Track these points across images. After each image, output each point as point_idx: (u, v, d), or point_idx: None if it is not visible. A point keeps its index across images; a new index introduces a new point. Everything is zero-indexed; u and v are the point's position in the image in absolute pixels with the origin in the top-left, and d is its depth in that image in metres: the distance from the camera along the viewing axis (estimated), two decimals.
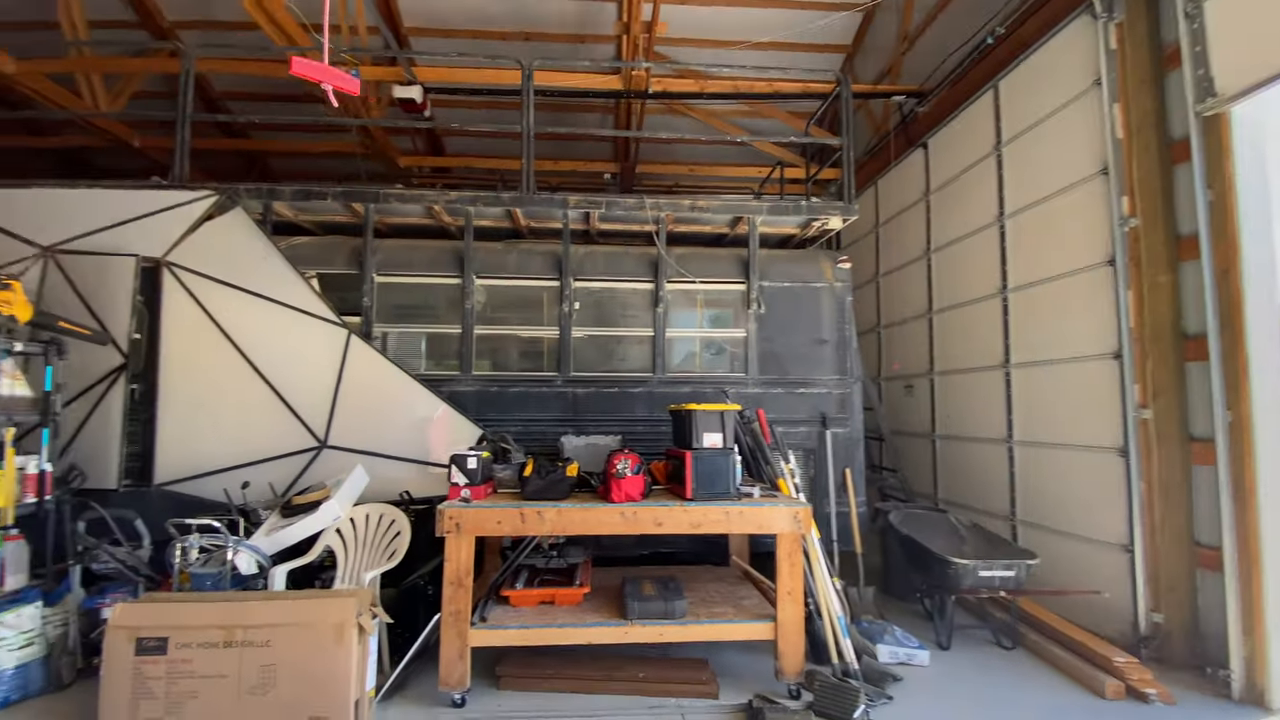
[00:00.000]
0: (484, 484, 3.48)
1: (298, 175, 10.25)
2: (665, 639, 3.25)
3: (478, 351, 4.79)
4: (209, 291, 4.41)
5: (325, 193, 4.66)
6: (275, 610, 2.93)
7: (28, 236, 4.24)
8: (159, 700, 2.77)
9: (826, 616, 3.37)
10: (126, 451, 4.16)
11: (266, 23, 5.43)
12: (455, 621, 3.17)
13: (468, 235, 4.79)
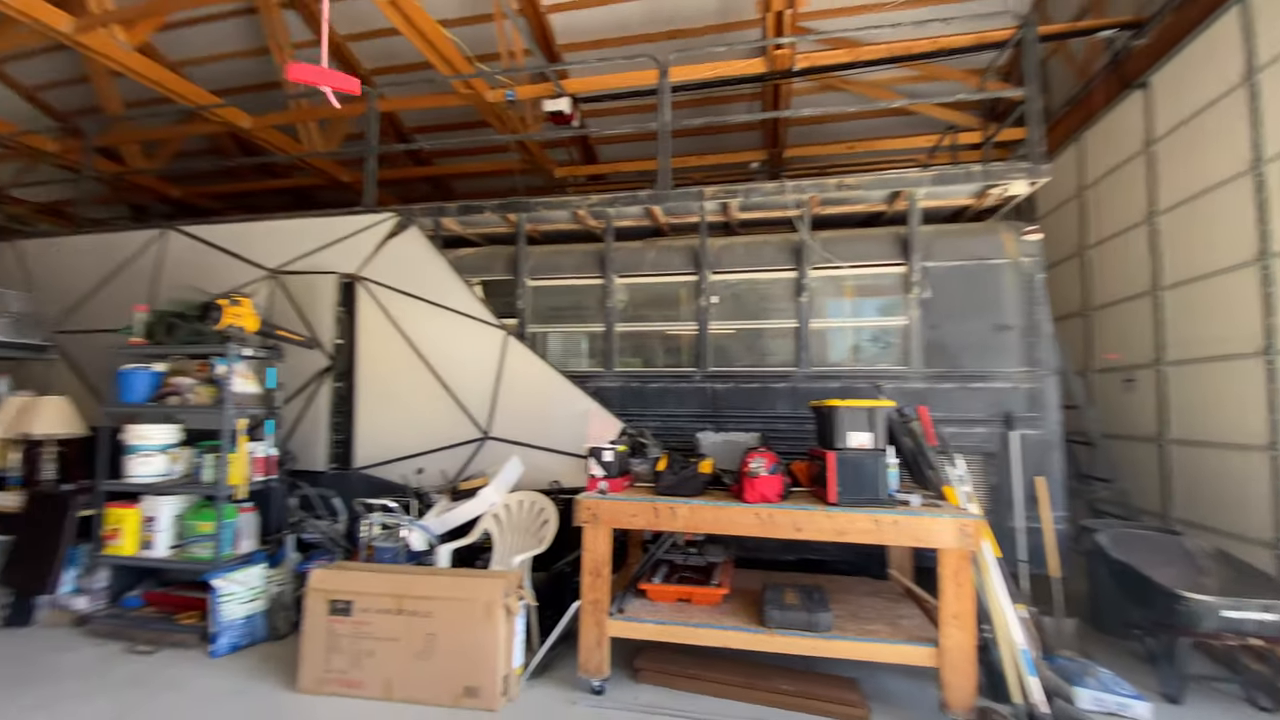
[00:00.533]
0: (621, 477, 3.52)
1: (472, 194, 11.39)
2: (807, 652, 3.01)
3: (620, 348, 4.89)
4: (393, 301, 5.01)
5: (483, 206, 5.06)
6: (435, 585, 3.22)
7: (258, 261, 5.18)
8: (345, 654, 3.19)
9: (1005, 647, 2.88)
10: (332, 439, 4.89)
11: (436, 59, 6.06)
12: (594, 610, 3.24)
13: (608, 237, 4.91)
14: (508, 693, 3.13)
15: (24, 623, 3.90)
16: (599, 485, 3.42)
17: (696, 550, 3.80)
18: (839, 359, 4.71)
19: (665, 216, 5.00)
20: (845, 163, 8.81)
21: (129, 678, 3.30)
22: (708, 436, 3.92)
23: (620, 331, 4.89)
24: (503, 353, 4.80)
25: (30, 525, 3.98)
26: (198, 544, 3.88)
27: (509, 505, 4.10)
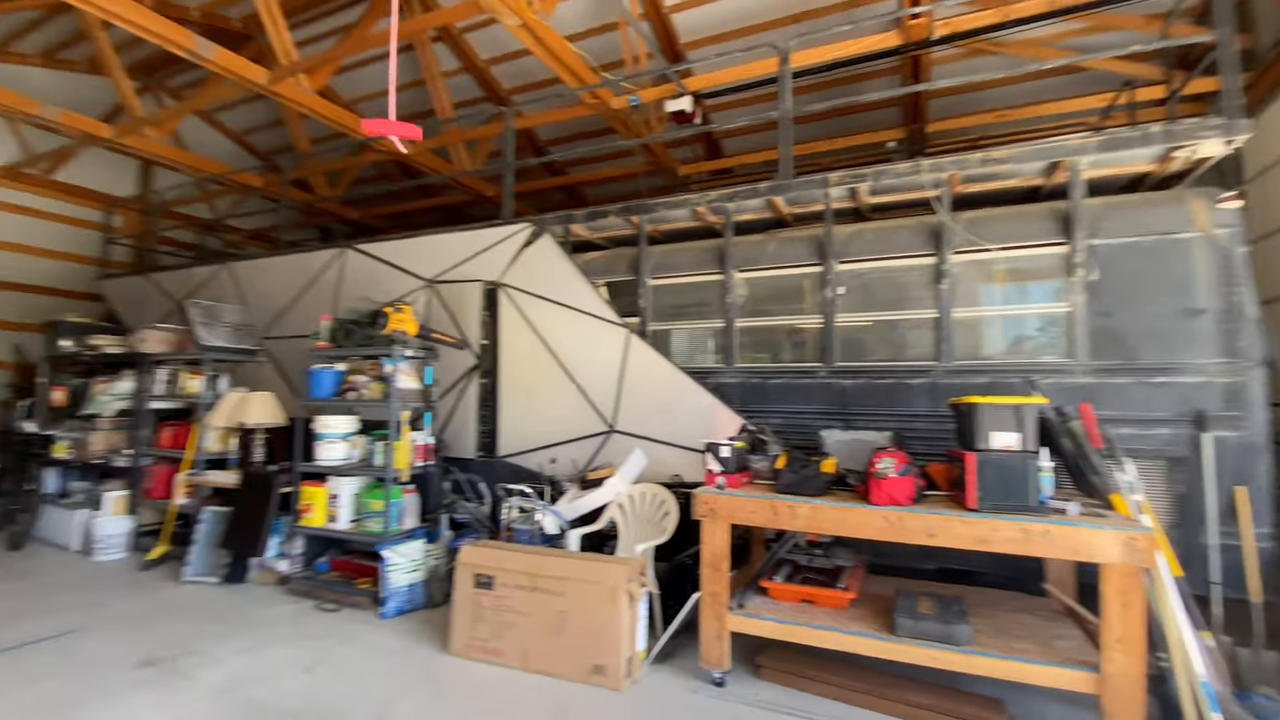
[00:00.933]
0: (739, 473, 3.52)
1: (601, 199, 11.81)
2: (940, 665, 2.81)
3: (740, 344, 4.85)
4: (529, 304, 5.39)
5: (607, 211, 5.28)
6: (565, 566, 3.45)
7: (417, 272, 5.81)
8: (488, 624, 3.52)
9: (1183, 678, 2.49)
10: (479, 430, 5.38)
11: (565, 73, 6.39)
12: (713, 603, 3.28)
13: (727, 231, 4.89)
14: (631, 674, 3.27)
15: (239, 580, 4.74)
16: (716, 481, 3.45)
17: (822, 552, 3.69)
18: (987, 351, 4.31)
19: (788, 207, 4.88)
20: (999, 133, 7.96)
21: (317, 631, 3.90)
22: (833, 435, 3.78)
23: (741, 327, 4.86)
24: (625, 350, 4.98)
25: (244, 499, 4.84)
26: (371, 519, 4.48)
27: (632, 496, 4.26)
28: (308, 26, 8.24)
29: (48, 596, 4.38)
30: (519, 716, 2.96)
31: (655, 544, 3.97)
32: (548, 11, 5.65)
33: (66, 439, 5.97)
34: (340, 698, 3.06)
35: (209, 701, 3.00)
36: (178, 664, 3.37)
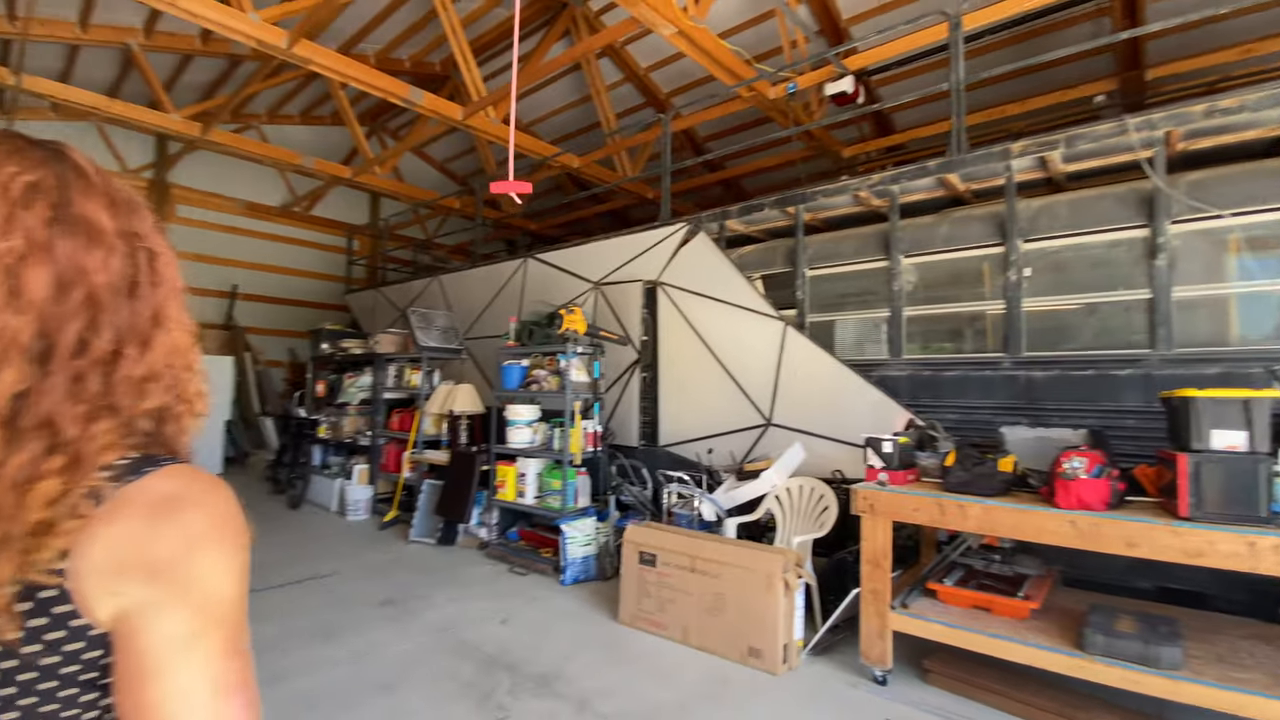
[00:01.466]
0: (904, 470, 3.39)
1: (762, 190, 11.75)
2: (1140, 689, 2.49)
3: (908, 334, 4.61)
4: (685, 300, 5.62)
5: (762, 204, 5.31)
6: (722, 551, 3.60)
7: (586, 276, 6.34)
8: (652, 599, 3.80)
9: None
10: (641, 420, 5.74)
11: (720, 72, 6.51)
12: (874, 600, 3.22)
13: (892, 215, 4.66)
14: (788, 661, 3.34)
15: (450, 542, 5.60)
16: (878, 476, 3.36)
17: (1000, 558, 3.42)
18: (1219, 337, 3.63)
19: (964, 183, 4.52)
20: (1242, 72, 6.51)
21: (508, 589, 4.50)
22: (1015, 432, 3.47)
23: (909, 316, 4.61)
24: (782, 343, 4.98)
25: (452, 475, 5.69)
26: (551, 496, 5.03)
27: (790, 489, 4.28)
28: (493, 61, 9.29)
29: (315, 546, 5.58)
30: (683, 680, 3.18)
31: (813, 538, 3.97)
32: (702, 15, 5.81)
33: (326, 422, 7.48)
34: (528, 648, 3.54)
35: (431, 636, 3.65)
36: (407, 605, 4.14)
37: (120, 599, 0.55)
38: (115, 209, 0.65)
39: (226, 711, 0.57)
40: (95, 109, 7.42)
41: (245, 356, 10.19)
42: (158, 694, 0.54)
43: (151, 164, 9.95)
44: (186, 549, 0.58)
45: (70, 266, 0.60)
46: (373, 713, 2.83)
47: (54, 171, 0.62)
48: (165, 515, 0.58)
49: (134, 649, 0.56)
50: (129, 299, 0.64)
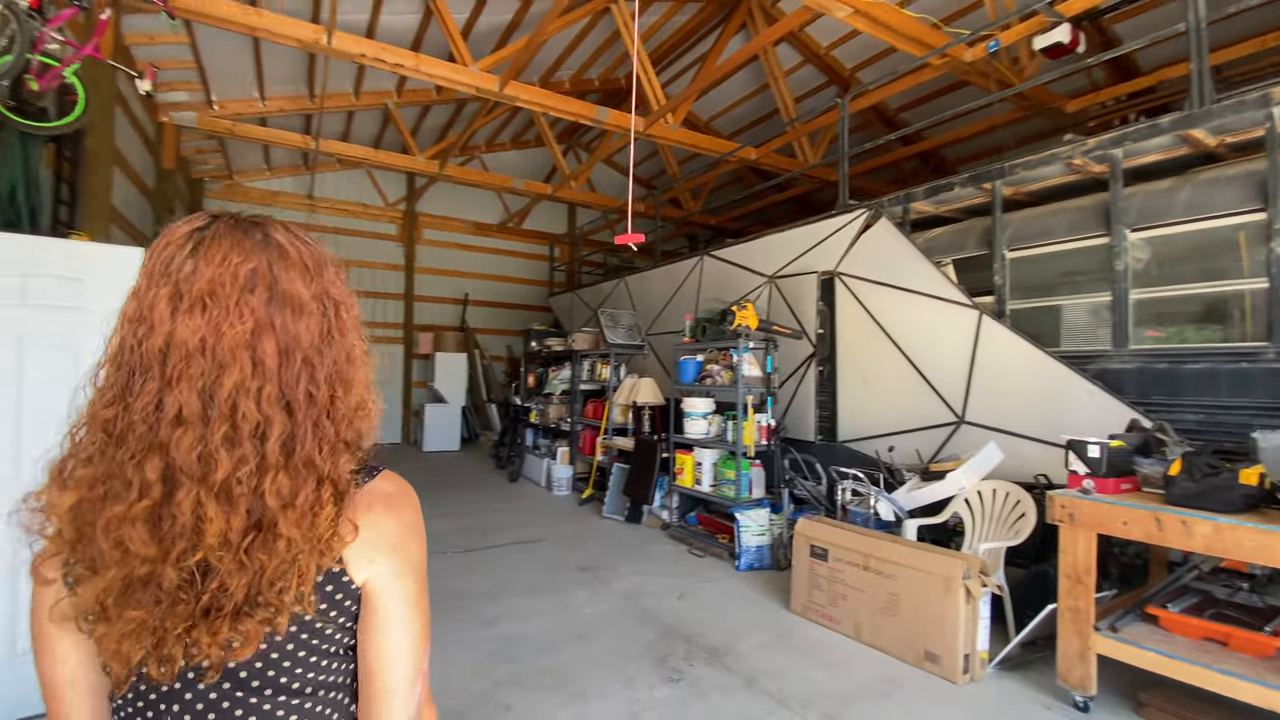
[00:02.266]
0: (1116, 477, 3.00)
1: (966, 158, 10.61)
2: None
3: (1136, 320, 3.96)
4: (866, 290, 5.43)
5: (951, 182, 4.92)
6: (897, 551, 3.52)
7: (760, 270, 6.41)
8: (824, 592, 3.84)
9: None
10: (818, 415, 5.68)
11: (904, 43, 6.11)
12: (1073, 618, 2.92)
13: (1113, 183, 4.02)
14: (970, 671, 3.17)
15: (636, 521, 6.13)
16: (1082, 484, 3.02)
17: (1250, 587, 2.86)
18: None
19: (1213, 137, 3.75)
20: None
21: (686, 569, 4.83)
22: (1271, 438, 2.86)
23: (1137, 299, 3.96)
24: (976, 333, 4.59)
25: (637, 460, 6.20)
26: (726, 485, 5.27)
27: (981, 492, 3.97)
28: (674, 65, 9.70)
29: (526, 515, 6.50)
30: (852, 674, 3.22)
31: (1005, 545, 3.67)
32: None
33: (536, 409, 8.58)
34: (702, 622, 3.82)
35: (618, 602, 4.13)
36: (598, 572, 4.69)
37: (374, 566, 0.76)
38: (308, 276, 0.76)
39: (423, 653, 0.79)
40: (365, 159, 9.36)
41: (475, 353, 12.01)
42: (392, 642, 0.76)
43: (404, 197, 12.19)
44: (410, 533, 0.80)
45: (287, 336, 0.72)
46: (570, 656, 3.34)
47: (265, 256, 0.73)
48: (393, 509, 0.79)
49: (379, 607, 0.76)
50: (329, 349, 0.77)
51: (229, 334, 0.69)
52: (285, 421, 0.71)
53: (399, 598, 0.76)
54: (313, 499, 0.71)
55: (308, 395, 0.73)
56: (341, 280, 0.82)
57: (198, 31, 6.45)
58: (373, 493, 0.79)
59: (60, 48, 3.65)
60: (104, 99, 5.28)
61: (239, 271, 0.71)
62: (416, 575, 0.79)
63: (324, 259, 0.80)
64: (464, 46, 6.69)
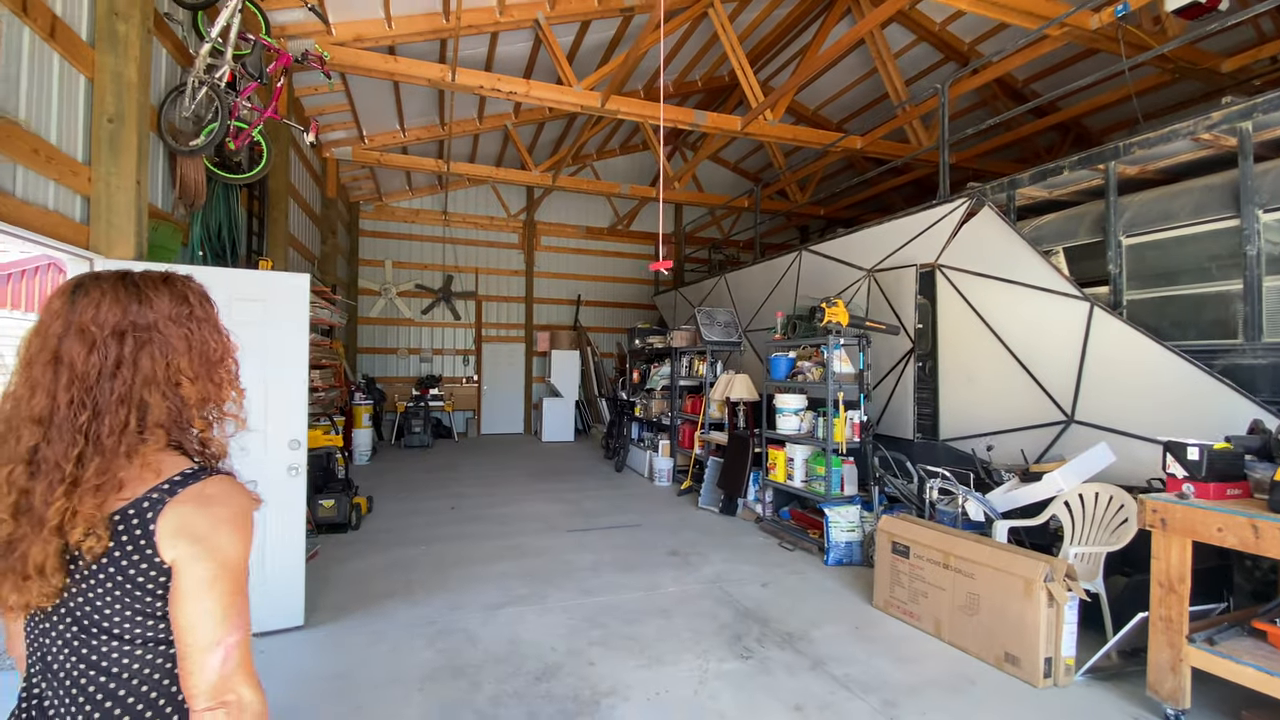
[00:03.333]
0: (1221, 482, 2.80)
1: (1109, 129, 9.56)
2: None
3: (1270, 310, 3.54)
4: (968, 283, 5.23)
5: (1060, 166, 4.62)
6: (977, 551, 3.49)
7: (858, 264, 6.33)
8: (905, 589, 3.88)
9: None
10: (917, 412, 5.56)
11: (1016, 18, 5.75)
12: (1165, 628, 2.79)
13: (1242, 160, 3.61)
14: (1052, 676, 3.10)
15: (730, 513, 6.34)
16: (1181, 488, 2.85)
17: None
18: None
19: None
20: None
21: (775, 560, 5.00)
22: None
23: (1272, 286, 3.54)
24: (1087, 327, 4.30)
25: (730, 454, 6.41)
26: (816, 481, 5.34)
27: (1082, 495, 3.78)
28: (776, 59, 9.68)
29: (628, 503, 6.95)
30: (922, 668, 3.27)
31: (1104, 550, 3.49)
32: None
33: (639, 404, 9.04)
34: (781, 609, 4.01)
35: (702, 585, 4.42)
36: (688, 558, 5.00)
37: (176, 550, 0.89)
38: (112, 314, 0.94)
39: (226, 626, 0.90)
40: (490, 177, 10.34)
41: (587, 350, 12.76)
42: (190, 611, 0.89)
43: (524, 208, 13.20)
44: (219, 526, 0.92)
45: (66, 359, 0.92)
46: (651, 628, 3.69)
47: (69, 304, 0.94)
48: (205, 506, 0.92)
49: (179, 583, 0.90)
50: (113, 379, 0.92)
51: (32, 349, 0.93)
52: (35, 429, 0.89)
53: (195, 577, 0.90)
54: (44, 495, 0.87)
55: (68, 412, 0.90)
56: (173, 321, 0.99)
57: (350, 80, 7.56)
58: (190, 492, 0.93)
59: (249, 113, 4.59)
60: (281, 148, 6.43)
61: (49, 311, 0.94)
62: (218, 560, 0.91)
63: (147, 302, 0.97)
64: (569, 69, 7.24)
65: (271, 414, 3.52)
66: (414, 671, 3.15)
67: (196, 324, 1.02)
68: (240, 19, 4.12)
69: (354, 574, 4.53)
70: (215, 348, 1.04)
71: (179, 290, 1.02)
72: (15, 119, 2.68)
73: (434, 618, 3.80)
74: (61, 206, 3.03)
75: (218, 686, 0.89)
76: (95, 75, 3.25)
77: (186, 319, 1.00)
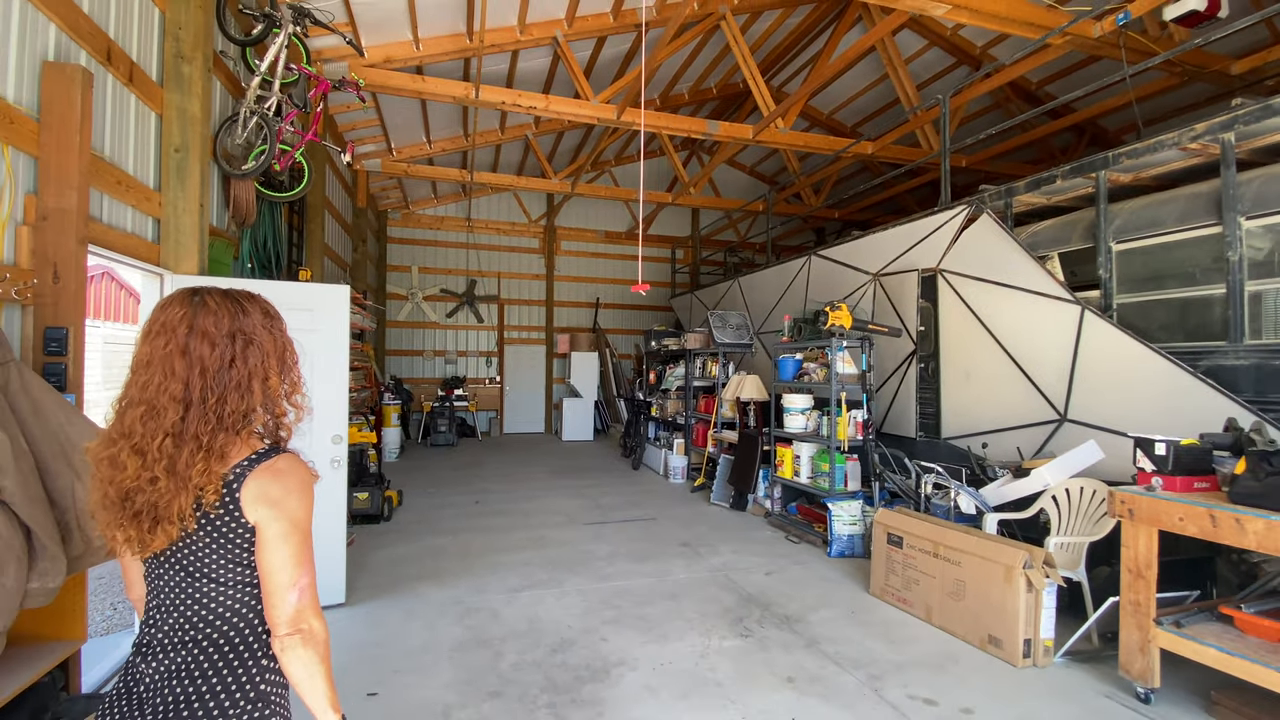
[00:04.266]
0: (1188, 475, 3.00)
1: (1126, 129, 9.61)
2: None
3: (1252, 313, 3.70)
4: (968, 287, 5.43)
5: (1054, 174, 4.80)
6: (963, 541, 3.73)
7: (865, 268, 6.55)
8: (899, 577, 4.12)
9: None
10: (919, 411, 5.77)
11: (1016, 28, 5.91)
12: (1134, 612, 3.00)
13: (1224, 169, 3.78)
14: (1031, 656, 3.33)
15: (741, 509, 6.61)
16: (1150, 481, 3.06)
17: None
18: None
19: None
20: None
21: (780, 552, 5.26)
22: None
23: (1254, 291, 3.71)
24: (1079, 329, 4.49)
25: (741, 451, 6.67)
26: (821, 477, 5.59)
27: (1069, 490, 3.97)
28: (789, 66, 9.90)
29: (643, 498, 7.25)
30: (910, 648, 3.51)
31: (1086, 540, 3.70)
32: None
33: (656, 404, 9.34)
34: (782, 596, 4.27)
35: (709, 573, 4.70)
36: (698, 549, 5.29)
37: (256, 512, 1.14)
38: (222, 320, 1.17)
39: (300, 570, 1.15)
40: (511, 185, 10.71)
41: (605, 352, 13.10)
42: (271, 559, 1.14)
43: (544, 214, 13.60)
44: (289, 494, 1.16)
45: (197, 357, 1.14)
46: (660, 609, 3.99)
47: (191, 308, 1.16)
48: (278, 477, 1.16)
49: (262, 537, 1.14)
50: (230, 370, 1.16)
51: (159, 351, 1.15)
52: (177, 408, 1.12)
53: (273, 533, 1.15)
54: (188, 459, 1.12)
55: (200, 395, 1.14)
56: (264, 329, 1.21)
57: (380, 97, 8.00)
58: (265, 466, 1.17)
59: (292, 136, 5.00)
60: (319, 165, 6.88)
61: (173, 316, 1.16)
62: (290, 520, 1.16)
63: (247, 312, 1.21)
64: (586, 84, 7.57)
65: (317, 411, 3.90)
66: (444, 643, 3.50)
67: (279, 331, 1.27)
68: (286, 53, 4.52)
69: (388, 560, 4.91)
70: (290, 350, 1.28)
71: (262, 304, 1.27)
72: (102, 155, 3.09)
73: (461, 599, 4.15)
74: (137, 229, 3.44)
75: (294, 618, 1.13)
76: (164, 111, 3.67)
77: (272, 327, 1.25)
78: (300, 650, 1.12)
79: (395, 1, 6.24)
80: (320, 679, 1.14)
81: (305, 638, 1.13)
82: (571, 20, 7.28)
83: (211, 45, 3.95)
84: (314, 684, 1.13)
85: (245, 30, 4.69)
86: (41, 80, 2.64)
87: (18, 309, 2.52)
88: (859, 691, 3.05)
